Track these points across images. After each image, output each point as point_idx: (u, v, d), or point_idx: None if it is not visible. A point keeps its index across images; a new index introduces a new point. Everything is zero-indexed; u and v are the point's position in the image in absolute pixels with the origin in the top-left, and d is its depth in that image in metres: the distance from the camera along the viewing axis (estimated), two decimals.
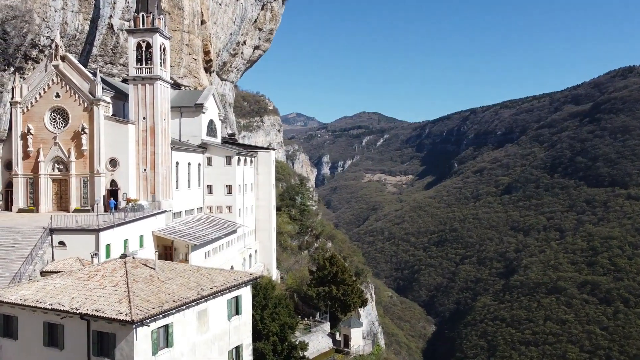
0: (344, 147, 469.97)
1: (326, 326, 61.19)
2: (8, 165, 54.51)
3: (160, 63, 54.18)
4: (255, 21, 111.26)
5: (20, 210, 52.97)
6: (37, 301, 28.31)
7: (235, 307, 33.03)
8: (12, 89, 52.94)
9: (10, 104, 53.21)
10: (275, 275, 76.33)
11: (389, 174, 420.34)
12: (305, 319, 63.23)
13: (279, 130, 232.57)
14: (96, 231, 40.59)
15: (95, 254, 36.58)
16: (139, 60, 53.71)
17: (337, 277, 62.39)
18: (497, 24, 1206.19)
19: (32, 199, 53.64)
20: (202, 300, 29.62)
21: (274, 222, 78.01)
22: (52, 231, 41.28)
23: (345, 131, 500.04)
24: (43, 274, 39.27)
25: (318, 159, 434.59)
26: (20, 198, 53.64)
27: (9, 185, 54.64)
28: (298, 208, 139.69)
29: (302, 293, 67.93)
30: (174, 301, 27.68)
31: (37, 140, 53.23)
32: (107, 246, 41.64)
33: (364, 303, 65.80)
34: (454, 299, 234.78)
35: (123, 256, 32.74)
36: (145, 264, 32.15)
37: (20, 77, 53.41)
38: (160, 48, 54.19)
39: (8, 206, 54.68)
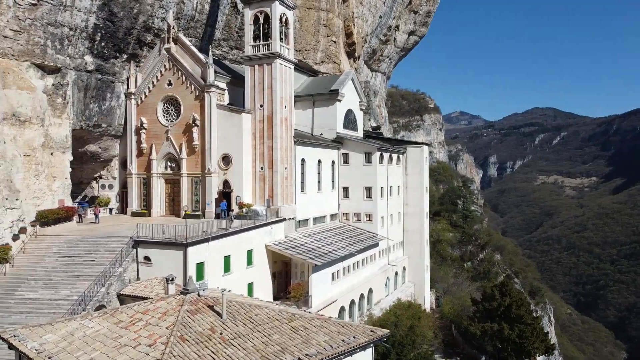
0: (514, 147, 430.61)
1: None
2: (124, 164, 49.32)
3: (281, 38, 44.18)
4: (410, 2, 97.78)
5: (134, 214, 47.23)
6: (48, 357, 19.22)
7: None
8: (127, 79, 47.40)
9: (125, 96, 47.71)
10: (427, 298, 62.26)
11: (567, 175, 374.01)
12: None
13: (440, 129, 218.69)
14: (183, 246, 31.45)
15: (173, 279, 27.30)
16: (256, 37, 44.40)
17: (510, 312, 46.51)
18: None
19: (146, 201, 47.60)
20: None
21: (427, 232, 63.93)
22: (137, 243, 33.25)
23: (514, 129, 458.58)
24: (121, 298, 31.30)
25: (484, 159, 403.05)
26: (134, 200, 48.01)
27: (125, 186, 49.43)
28: (460, 213, 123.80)
29: (462, 327, 53.05)
30: None
31: (150, 135, 47.04)
32: (199, 265, 32.35)
33: (549, 350, 48.51)
34: None
35: (184, 292, 22.51)
36: (211, 306, 21.49)
37: (136, 66, 47.71)
38: (281, 20, 44.19)
39: (123, 208, 49.49)
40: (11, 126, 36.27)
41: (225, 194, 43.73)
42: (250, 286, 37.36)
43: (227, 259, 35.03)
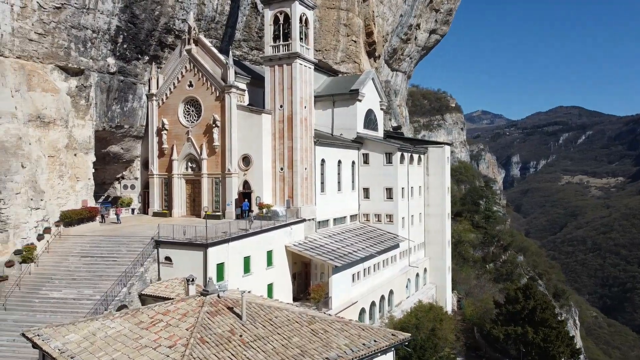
0: (537, 146, 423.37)
1: None
2: (146, 165, 49.78)
3: (301, 38, 44.06)
4: (431, 1, 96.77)
5: (155, 214, 47.69)
6: (70, 357, 19.40)
7: None
8: (149, 80, 47.82)
9: (147, 97, 48.13)
10: (449, 300, 61.50)
11: (593, 175, 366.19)
12: None
13: (461, 129, 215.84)
14: (203, 247, 31.52)
15: (193, 280, 27.38)
16: (276, 37, 44.35)
17: (534, 315, 45.61)
18: None
19: (167, 202, 47.96)
20: None
21: (449, 233, 63.16)
22: (158, 243, 33.46)
23: (538, 128, 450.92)
24: (143, 298, 31.53)
25: (506, 159, 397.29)
26: (155, 200, 48.47)
27: (147, 186, 49.88)
28: (482, 214, 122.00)
29: (485, 329, 52.23)
30: None
31: (171, 136, 47.40)
32: (219, 266, 32.40)
33: (574, 354, 47.39)
34: None
35: (204, 293, 22.51)
36: (231, 308, 21.43)
37: (157, 67, 48.12)
38: (301, 20, 44.08)
39: (145, 209, 49.96)
40: (36, 128, 36.85)
41: (245, 195, 43.79)
42: (270, 287, 37.32)
43: (247, 260, 35.02)
